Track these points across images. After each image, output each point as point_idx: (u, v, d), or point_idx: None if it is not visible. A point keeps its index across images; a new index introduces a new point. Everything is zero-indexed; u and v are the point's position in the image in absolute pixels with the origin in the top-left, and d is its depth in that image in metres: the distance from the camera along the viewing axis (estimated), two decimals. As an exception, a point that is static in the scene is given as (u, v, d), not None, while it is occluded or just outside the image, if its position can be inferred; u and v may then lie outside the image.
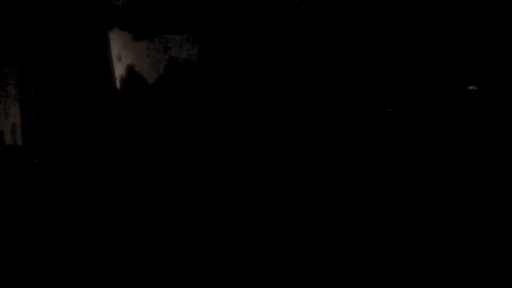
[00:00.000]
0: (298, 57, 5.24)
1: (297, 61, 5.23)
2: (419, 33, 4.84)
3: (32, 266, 4.16)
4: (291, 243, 3.92)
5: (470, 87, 4.55)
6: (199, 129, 5.59)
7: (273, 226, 4.11)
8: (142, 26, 8.66)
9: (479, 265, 3.52)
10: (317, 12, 5.03)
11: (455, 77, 4.71)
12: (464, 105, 4.48)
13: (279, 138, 4.83)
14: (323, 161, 4.60)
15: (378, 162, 4.48)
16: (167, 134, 5.80)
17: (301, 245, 3.89)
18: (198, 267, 3.87)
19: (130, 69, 8.50)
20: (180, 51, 8.49)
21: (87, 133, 7.05)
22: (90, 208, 4.77)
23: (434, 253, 3.71)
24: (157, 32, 8.59)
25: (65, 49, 8.12)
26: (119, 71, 8.77)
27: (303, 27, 5.15)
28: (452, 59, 4.76)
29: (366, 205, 4.19)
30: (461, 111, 4.50)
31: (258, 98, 5.33)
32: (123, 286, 3.86)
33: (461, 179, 4.20)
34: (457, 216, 3.94)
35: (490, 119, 4.39)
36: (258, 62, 5.78)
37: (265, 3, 5.84)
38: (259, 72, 5.63)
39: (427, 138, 4.50)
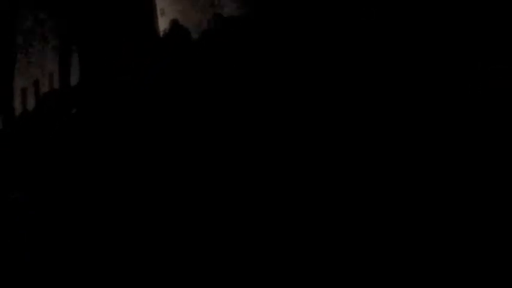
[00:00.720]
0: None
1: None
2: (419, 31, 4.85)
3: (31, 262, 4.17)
4: (290, 243, 3.90)
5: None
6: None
7: (272, 226, 4.08)
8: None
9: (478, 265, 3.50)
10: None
11: (454, 75, 4.64)
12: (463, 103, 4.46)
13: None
14: (321, 159, 4.54)
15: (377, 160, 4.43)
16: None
17: (300, 245, 3.88)
18: (198, 267, 3.85)
19: (174, 24, 8.31)
20: (227, 8, 8.25)
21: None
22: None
23: (433, 253, 3.68)
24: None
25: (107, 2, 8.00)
26: (162, 26, 8.61)
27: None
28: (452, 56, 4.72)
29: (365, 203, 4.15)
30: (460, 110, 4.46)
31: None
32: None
33: (461, 178, 4.13)
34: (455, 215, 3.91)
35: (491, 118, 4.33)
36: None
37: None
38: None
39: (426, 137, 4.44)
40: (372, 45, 4.82)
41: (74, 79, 7.74)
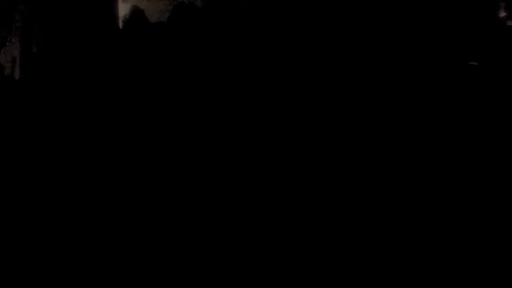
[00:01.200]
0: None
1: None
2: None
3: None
4: (289, 243, 4.09)
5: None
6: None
7: (271, 226, 4.27)
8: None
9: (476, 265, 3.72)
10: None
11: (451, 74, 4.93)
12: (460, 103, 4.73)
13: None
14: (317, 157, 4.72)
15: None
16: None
17: (299, 245, 4.07)
18: (197, 267, 4.05)
19: (134, 11, 8.25)
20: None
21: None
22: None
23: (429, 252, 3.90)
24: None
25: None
26: (123, 11, 8.51)
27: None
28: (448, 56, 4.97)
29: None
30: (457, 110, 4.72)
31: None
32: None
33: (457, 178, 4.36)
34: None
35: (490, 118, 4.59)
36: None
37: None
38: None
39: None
40: (372, 45, 5.00)
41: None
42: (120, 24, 8.40)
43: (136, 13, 8.37)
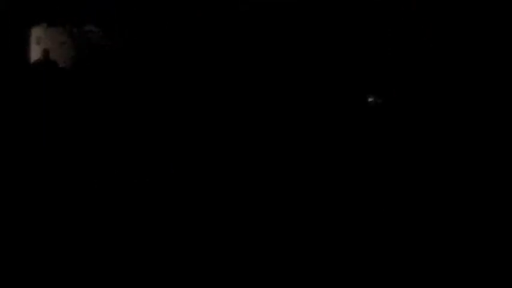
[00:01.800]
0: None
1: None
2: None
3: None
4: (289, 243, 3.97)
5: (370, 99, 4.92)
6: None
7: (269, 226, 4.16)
8: (58, 14, 8.34)
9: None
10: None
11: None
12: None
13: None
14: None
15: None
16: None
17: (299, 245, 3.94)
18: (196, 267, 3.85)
19: (46, 54, 8.10)
20: (97, 42, 8.29)
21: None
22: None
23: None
24: (71, 21, 8.33)
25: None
26: (36, 55, 8.29)
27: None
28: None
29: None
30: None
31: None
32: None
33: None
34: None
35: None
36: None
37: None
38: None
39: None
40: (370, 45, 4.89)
41: None
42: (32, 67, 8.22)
43: (47, 56, 8.27)
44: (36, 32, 7.90)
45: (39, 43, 7.96)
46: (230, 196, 4.46)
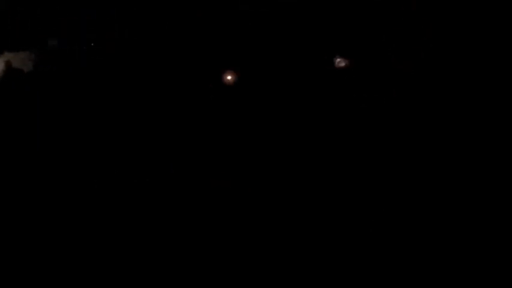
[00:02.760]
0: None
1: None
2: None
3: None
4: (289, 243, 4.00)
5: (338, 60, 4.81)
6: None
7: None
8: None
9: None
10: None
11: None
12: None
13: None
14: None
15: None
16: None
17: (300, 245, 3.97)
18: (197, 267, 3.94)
19: (7, 65, 7.97)
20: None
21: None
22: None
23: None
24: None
25: None
26: None
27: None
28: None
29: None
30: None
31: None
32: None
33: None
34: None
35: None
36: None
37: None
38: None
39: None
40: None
41: None
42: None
43: (8, 68, 8.07)
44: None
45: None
46: (230, 196, 4.48)
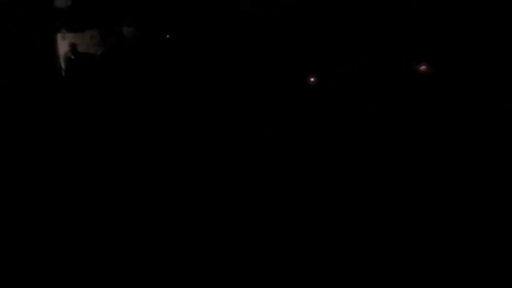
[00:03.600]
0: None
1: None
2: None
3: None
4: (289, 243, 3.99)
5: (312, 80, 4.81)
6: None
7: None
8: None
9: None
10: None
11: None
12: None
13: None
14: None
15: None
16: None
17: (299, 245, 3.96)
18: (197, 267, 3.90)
19: (73, 48, 8.34)
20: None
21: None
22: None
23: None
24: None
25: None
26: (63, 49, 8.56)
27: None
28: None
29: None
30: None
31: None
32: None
33: None
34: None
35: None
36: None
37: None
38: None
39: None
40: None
41: None
42: (62, 62, 8.45)
43: (74, 50, 8.44)
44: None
45: (64, 39, 8.21)
46: (230, 196, 4.52)
